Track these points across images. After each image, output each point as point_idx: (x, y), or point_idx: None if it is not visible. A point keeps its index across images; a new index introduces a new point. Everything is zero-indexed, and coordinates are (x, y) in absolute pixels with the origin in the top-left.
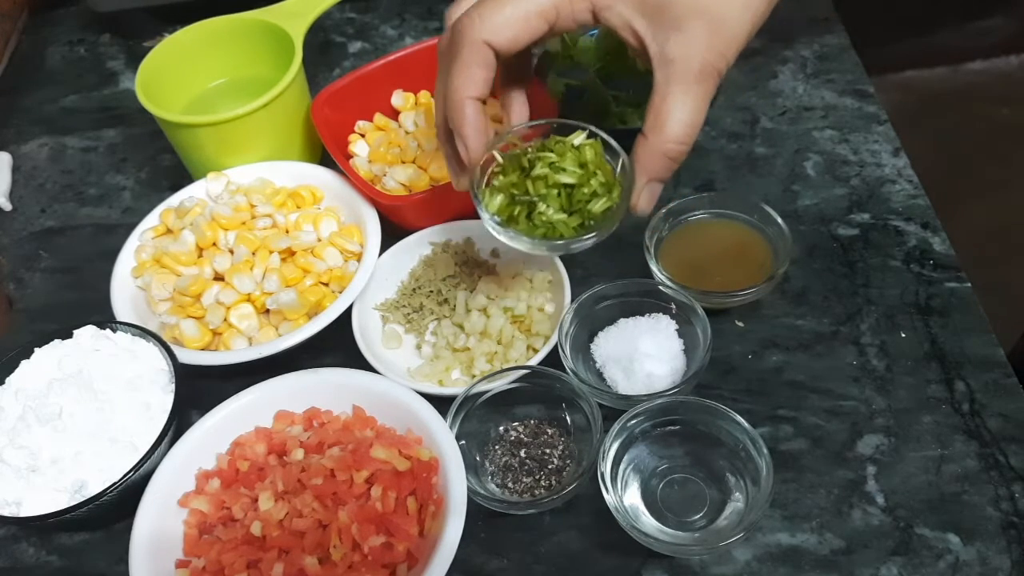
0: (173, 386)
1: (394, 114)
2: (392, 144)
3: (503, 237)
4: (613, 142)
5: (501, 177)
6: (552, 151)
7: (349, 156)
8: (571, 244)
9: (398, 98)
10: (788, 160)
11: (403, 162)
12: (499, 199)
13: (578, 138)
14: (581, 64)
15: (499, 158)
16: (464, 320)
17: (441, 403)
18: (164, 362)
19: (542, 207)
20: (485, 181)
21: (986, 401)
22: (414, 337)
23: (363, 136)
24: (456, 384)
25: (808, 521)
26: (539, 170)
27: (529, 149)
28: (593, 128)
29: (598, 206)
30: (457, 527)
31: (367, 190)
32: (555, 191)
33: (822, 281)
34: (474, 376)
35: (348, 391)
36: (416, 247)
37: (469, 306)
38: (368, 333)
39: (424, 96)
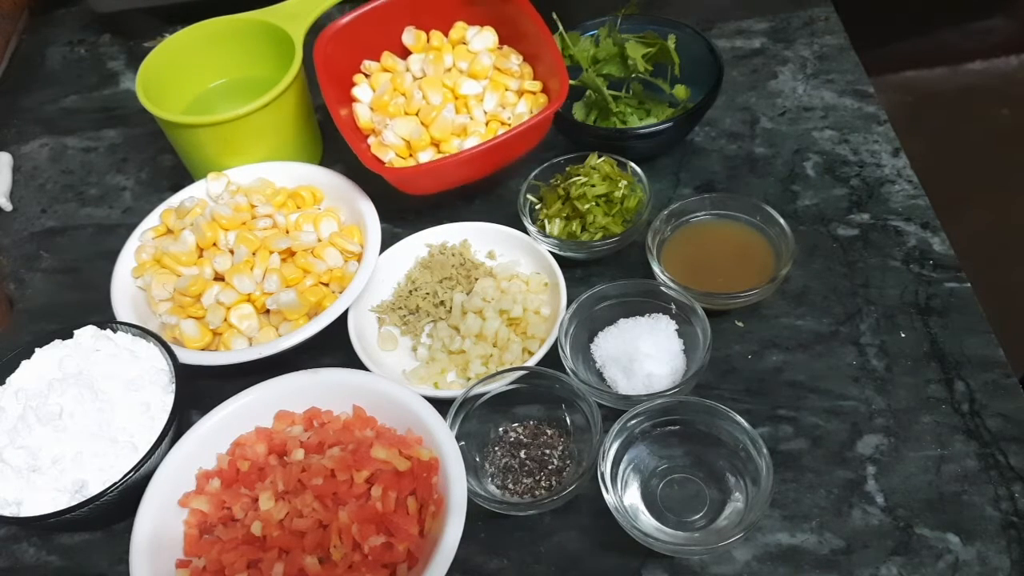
0: (173, 386)
1: (404, 53)
2: (397, 91)
3: (568, 252)
4: (617, 157)
5: (545, 210)
6: (579, 175)
7: (351, 100)
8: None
9: (409, 36)
10: (788, 160)
11: (406, 113)
12: (557, 225)
13: (593, 160)
14: (580, 64)
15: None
16: (460, 322)
17: (437, 405)
18: (164, 362)
19: (591, 217)
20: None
21: (986, 401)
22: (410, 339)
23: (368, 77)
24: (451, 387)
25: (808, 521)
26: (576, 191)
27: (559, 180)
28: (597, 153)
29: (631, 202)
30: (457, 527)
31: (362, 153)
32: (595, 203)
33: (822, 281)
34: (469, 379)
35: (348, 391)
36: (412, 249)
37: (465, 308)
38: (364, 335)
39: (436, 37)
